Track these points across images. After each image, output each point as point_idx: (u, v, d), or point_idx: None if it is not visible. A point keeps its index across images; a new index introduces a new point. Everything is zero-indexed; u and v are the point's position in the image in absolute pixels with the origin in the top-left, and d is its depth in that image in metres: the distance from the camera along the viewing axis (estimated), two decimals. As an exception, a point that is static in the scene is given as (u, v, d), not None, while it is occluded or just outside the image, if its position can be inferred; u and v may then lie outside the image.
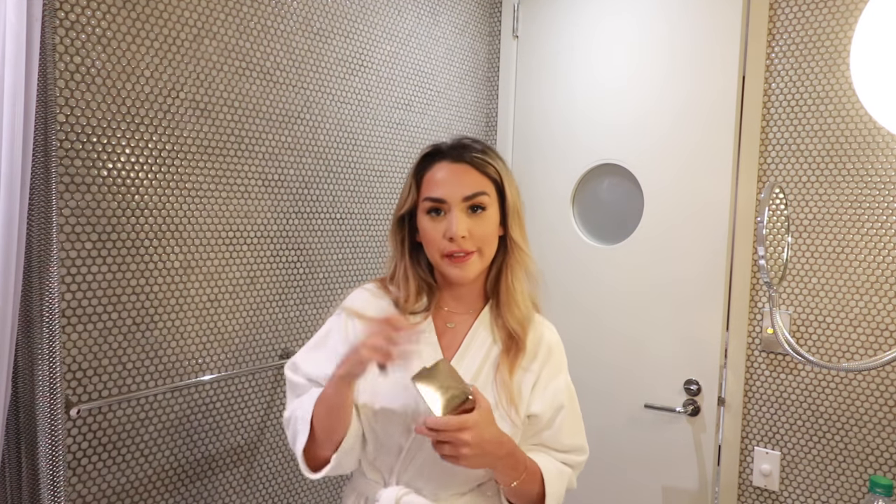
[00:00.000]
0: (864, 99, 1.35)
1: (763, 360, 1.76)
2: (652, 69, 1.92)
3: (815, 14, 1.68)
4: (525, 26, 2.19)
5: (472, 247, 1.02)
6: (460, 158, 1.05)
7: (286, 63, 1.56)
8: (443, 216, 1.02)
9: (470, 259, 1.02)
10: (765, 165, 1.76)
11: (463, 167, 1.04)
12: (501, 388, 1.03)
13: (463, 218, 1.01)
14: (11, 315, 1.01)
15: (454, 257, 1.02)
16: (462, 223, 1.01)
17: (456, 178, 1.03)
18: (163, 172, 1.33)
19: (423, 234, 1.05)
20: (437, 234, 1.02)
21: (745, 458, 1.80)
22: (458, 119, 2.14)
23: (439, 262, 1.04)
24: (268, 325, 1.55)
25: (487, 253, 1.05)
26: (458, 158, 1.05)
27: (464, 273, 1.03)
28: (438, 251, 1.02)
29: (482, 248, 1.03)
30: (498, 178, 1.06)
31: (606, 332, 2.01)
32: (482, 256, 1.04)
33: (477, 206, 1.03)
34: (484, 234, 1.03)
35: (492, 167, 1.05)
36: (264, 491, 1.58)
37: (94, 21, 1.20)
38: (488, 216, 1.04)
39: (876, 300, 1.62)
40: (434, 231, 1.02)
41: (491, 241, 1.05)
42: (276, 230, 1.56)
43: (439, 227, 1.02)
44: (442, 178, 1.03)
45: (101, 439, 1.25)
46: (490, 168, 1.05)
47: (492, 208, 1.04)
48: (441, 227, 1.02)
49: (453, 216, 1.01)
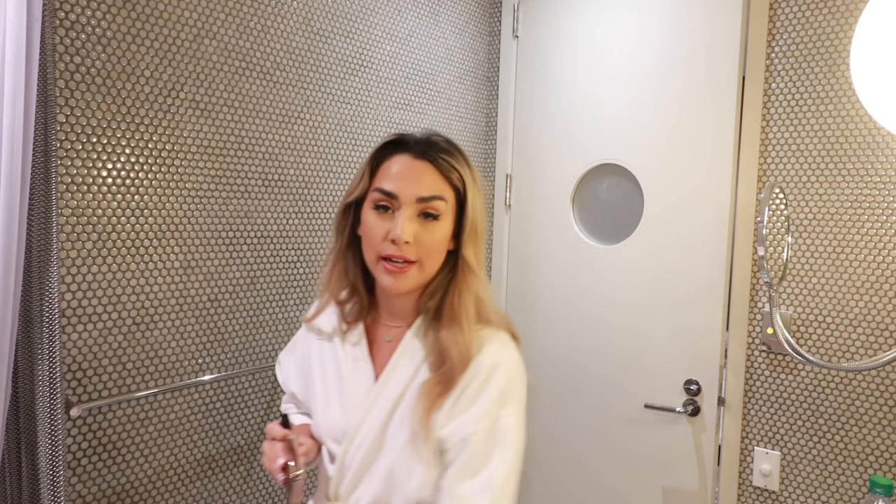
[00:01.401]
0: (864, 99, 1.35)
1: (763, 360, 1.76)
2: (652, 69, 1.92)
3: (815, 14, 1.68)
4: (525, 26, 2.19)
5: (414, 256, 0.90)
6: (424, 155, 0.93)
7: (286, 63, 1.56)
8: (390, 213, 0.91)
9: (408, 270, 0.90)
10: (765, 165, 1.76)
11: (424, 165, 0.92)
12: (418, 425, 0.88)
13: (412, 221, 0.90)
14: (11, 315, 1.01)
15: (391, 263, 0.90)
16: (409, 227, 0.89)
17: (414, 174, 0.91)
18: (163, 172, 1.33)
19: (365, 228, 0.93)
20: (380, 233, 0.90)
21: (745, 458, 1.80)
22: (458, 119, 2.14)
23: (374, 264, 0.92)
24: (268, 325, 1.55)
25: (429, 267, 0.92)
26: (422, 155, 0.93)
27: (398, 284, 0.90)
28: (376, 252, 0.91)
29: (424, 260, 0.91)
30: (461, 187, 0.94)
31: (606, 332, 2.01)
32: (422, 270, 0.91)
33: (430, 213, 0.91)
34: (430, 245, 0.91)
35: (456, 173, 0.93)
36: (264, 491, 1.58)
37: (94, 21, 1.20)
38: (440, 226, 0.92)
39: (876, 300, 1.62)
40: (377, 228, 0.91)
41: (436, 255, 0.92)
42: (276, 230, 1.56)
43: (384, 224, 0.90)
44: (398, 171, 0.92)
45: (100, 439, 1.25)
46: (454, 174, 0.93)
47: (445, 218, 0.92)
48: (386, 225, 0.90)
49: (401, 216, 0.89)
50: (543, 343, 2.13)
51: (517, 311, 2.21)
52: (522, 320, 2.20)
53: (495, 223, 2.27)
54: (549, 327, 2.13)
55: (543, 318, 2.14)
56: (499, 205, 2.26)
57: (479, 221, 0.95)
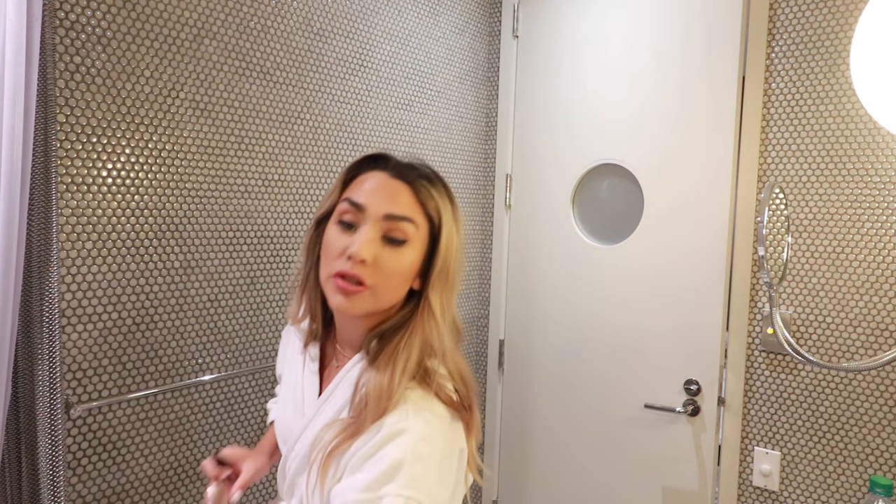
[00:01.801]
0: (864, 99, 1.35)
1: (763, 360, 1.76)
2: (652, 69, 1.92)
3: (815, 14, 1.68)
4: (525, 26, 2.19)
5: (369, 280, 0.81)
6: (402, 175, 0.86)
7: (286, 63, 1.56)
8: (353, 231, 0.83)
9: (360, 293, 0.81)
10: (765, 165, 1.76)
11: (401, 185, 0.85)
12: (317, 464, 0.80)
13: (374, 242, 0.82)
14: (11, 315, 1.01)
15: (344, 280, 0.81)
16: (370, 246, 0.81)
17: (387, 191, 0.84)
18: (163, 172, 1.33)
19: (325, 243, 0.86)
20: (338, 248, 0.83)
21: (745, 458, 1.80)
22: (458, 119, 2.14)
23: (326, 280, 0.84)
24: (268, 325, 1.55)
25: (382, 296, 0.83)
26: (400, 175, 0.86)
27: (347, 304, 0.82)
28: (330, 268, 0.83)
29: (378, 286, 0.82)
30: (436, 218, 0.86)
31: (606, 333, 2.01)
32: (375, 297, 0.83)
33: (396, 237, 0.83)
34: (390, 272, 0.82)
35: (433, 202, 0.86)
36: (264, 491, 1.58)
37: (94, 21, 1.20)
38: (405, 253, 0.83)
39: (876, 300, 1.62)
40: (337, 243, 0.83)
41: (394, 285, 0.84)
42: (276, 230, 1.56)
43: (344, 240, 0.83)
44: (371, 187, 0.85)
45: (100, 439, 1.25)
46: (432, 202, 0.86)
47: (413, 247, 0.84)
48: (346, 240, 0.83)
49: (363, 232, 0.82)
50: (543, 343, 2.14)
51: (517, 311, 2.22)
52: (522, 320, 2.20)
53: (495, 223, 2.27)
54: (549, 327, 2.13)
55: (543, 318, 2.14)
56: (499, 205, 2.26)
57: (453, 265, 0.87)
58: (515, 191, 2.23)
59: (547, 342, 2.13)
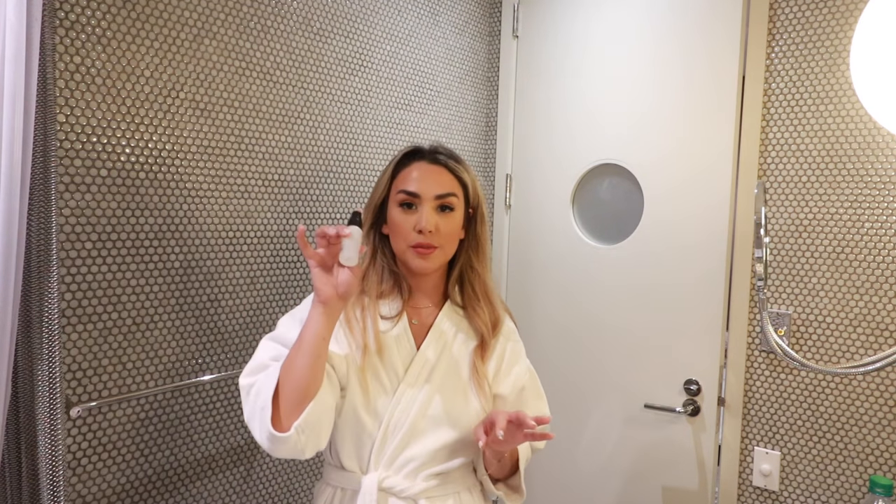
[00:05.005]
0: (864, 99, 1.35)
1: (763, 360, 1.76)
2: (652, 69, 1.92)
3: (815, 14, 1.68)
4: (525, 26, 2.19)
5: (438, 242, 1.12)
6: (436, 161, 1.16)
7: (286, 63, 1.56)
8: (414, 210, 1.12)
9: (434, 252, 1.12)
10: (765, 165, 1.76)
11: (438, 168, 1.16)
12: (473, 374, 1.15)
13: (433, 214, 1.12)
14: (11, 315, 1.01)
15: (420, 248, 1.11)
16: (432, 218, 1.11)
17: (431, 177, 1.14)
18: (163, 172, 1.33)
19: (393, 224, 1.14)
20: (408, 226, 1.11)
21: (745, 458, 1.80)
22: (458, 119, 2.14)
23: (405, 251, 1.13)
24: (268, 325, 1.55)
25: (449, 249, 1.16)
26: (435, 161, 1.16)
27: (427, 263, 1.12)
28: (406, 242, 1.12)
29: (445, 244, 1.14)
30: (468, 182, 1.18)
31: (606, 332, 2.01)
32: (444, 252, 1.14)
33: (446, 206, 1.13)
34: (449, 232, 1.14)
35: (462, 174, 1.17)
36: (264, 491, 1.58)
37: (94, 21, 1.20)
38: (454, 217, 1.15)
39: (876, 300, 1.62)
40: (405, 223, 1.12)
41: (454, 240, 1.17)
42: (276, 230, 1.56)
43: (410, 219, 1.12)
44: (418, 175, 1.13)
45: (101, 439, 1.25)
46: (461, 174, 1.17)
47: (458, 210, 1.16)
48: (412, 219, 1.12)
49: (424, 211, 1.11)
50: (543, 343, 2.13)
51: (517, 311, 2.21)
52: (523, 320, 2.19)
53: (495, 223, 2.27)
54: (549, 327, 2.13)
55: (543, 317, 2.14)
56: (499, 205, 2.26)
57: (484, 209, 1.22)
58: (515, 191, 2.23)
59: (546, 341, 2.13)
